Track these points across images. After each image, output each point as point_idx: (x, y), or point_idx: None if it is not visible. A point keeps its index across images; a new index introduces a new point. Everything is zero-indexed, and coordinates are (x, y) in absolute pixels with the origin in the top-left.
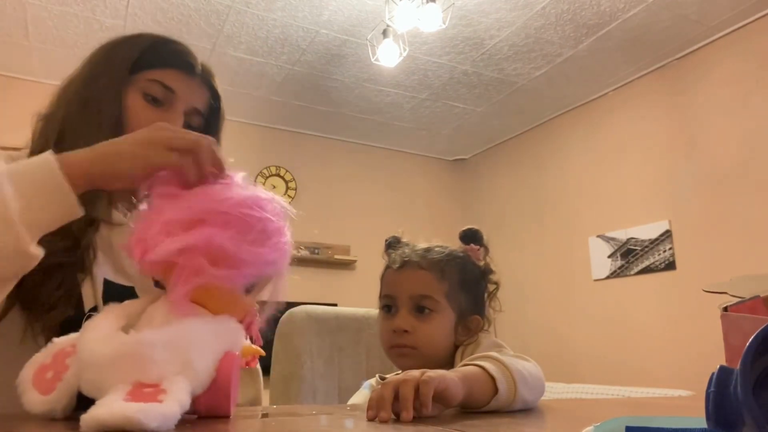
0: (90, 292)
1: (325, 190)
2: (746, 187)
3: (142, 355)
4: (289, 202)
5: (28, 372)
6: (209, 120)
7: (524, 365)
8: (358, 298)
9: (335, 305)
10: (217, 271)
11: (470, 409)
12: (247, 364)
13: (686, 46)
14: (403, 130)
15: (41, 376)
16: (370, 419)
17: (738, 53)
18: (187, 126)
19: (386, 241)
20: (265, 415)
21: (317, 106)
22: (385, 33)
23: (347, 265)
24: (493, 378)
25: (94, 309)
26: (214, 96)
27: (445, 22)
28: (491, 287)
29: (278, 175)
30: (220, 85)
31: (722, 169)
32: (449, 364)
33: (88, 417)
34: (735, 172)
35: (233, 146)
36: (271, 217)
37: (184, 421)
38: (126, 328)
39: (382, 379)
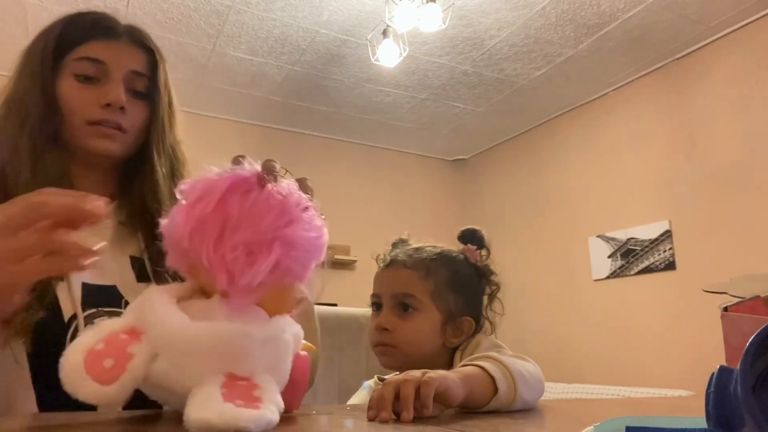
0: (67, 297)
1: (325, 190)
2: (746, 187)
3: (241, 347)
4: None
5: (77, 358)
6: (151, 79)
7: (524, 365)
8: (358, 298)
9: (335, 305)
10: (296, 268)
11: (470, 409)
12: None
13: (686, 46)
14: (403, 130)
15: (97, 364)
16: (371, 419)
17: (738, 53)
18: (132, 92)
19: (392, 243)
20: None
21: (317, 106)
22: (385, 33)
23: (347, 265)
24: (492, 378)
25: (74, 317)
26: (150, 52)
27: (445, 22)
28: (492, 289)
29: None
30: (153, 40)
31: (722, 169)
32: (444, 365)
33: (194, 418)
34: (735, 172)
35: (233, 146)
36: (321, 234)
37: None
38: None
39: (381, 380)
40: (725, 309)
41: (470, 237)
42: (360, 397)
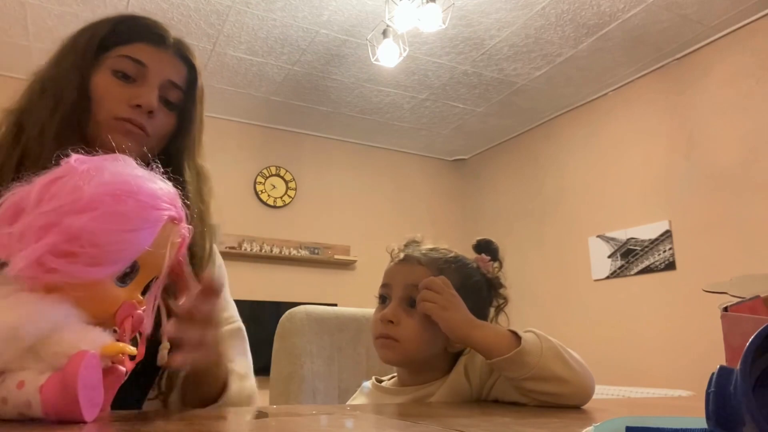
0: None
1: (325, 190)
2: (746, 187)
3: None
4: (289, 202)
5: None
6: (188, 94)
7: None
8: (358, 298)
9: (335, 305)
10: (73, 267)
11: (487, 356)
12: (114, 363)
13: (686, 46)
14: (403, 130)
15: None
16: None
17: (738, 53)
18: (164, 101)
19: (405, 242)
20: (264, 415)
21: (317, 106)
22: (385, 33)
23: (347, 265)
24: (514, 334)
25: None
26: (192, 68)
27: (445, 22)
28: (499, 302)
29: (278, 175)
30: (198, 59)
31: (722, 169)
32: (443, 368)
33: None
34: (735, 172)
35: (233, 146)
36: (135, 228)
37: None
38: None
39: (379, 381)
40: (725, 309)
41: (485, 247)
42: (358, 400)
